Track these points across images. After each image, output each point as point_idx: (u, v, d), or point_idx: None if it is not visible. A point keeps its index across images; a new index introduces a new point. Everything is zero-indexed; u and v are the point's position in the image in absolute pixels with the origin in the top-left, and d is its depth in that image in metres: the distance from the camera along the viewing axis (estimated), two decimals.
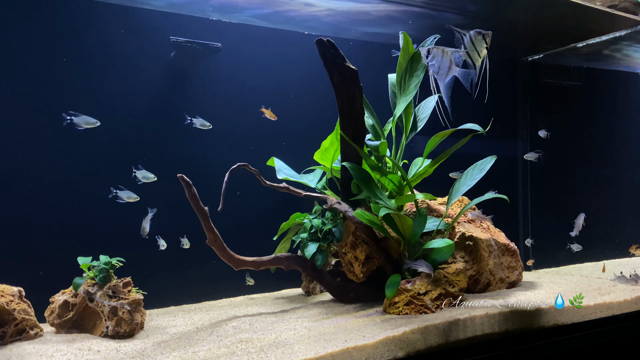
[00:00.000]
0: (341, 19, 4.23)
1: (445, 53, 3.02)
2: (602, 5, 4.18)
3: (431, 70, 3.07)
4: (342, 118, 3.47)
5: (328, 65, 3.37)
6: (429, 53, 3.05)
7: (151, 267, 3.72)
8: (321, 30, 4.39)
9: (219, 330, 3.03)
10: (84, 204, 3.60)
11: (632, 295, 3.59)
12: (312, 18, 4.16)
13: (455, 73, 3.03)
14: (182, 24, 3.91)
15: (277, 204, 4.16)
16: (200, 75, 4.00)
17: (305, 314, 3.36)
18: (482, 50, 3.01)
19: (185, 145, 3.93)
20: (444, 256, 3.34)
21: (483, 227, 4.06)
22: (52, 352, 2.63)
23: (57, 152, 3.54)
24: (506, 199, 3.61)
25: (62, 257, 3.37)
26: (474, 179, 3.60)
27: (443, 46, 3.08)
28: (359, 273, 3.59)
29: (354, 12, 4.10)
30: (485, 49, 3.03)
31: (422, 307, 3.13)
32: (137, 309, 3.04)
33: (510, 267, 4.02)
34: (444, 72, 3.02)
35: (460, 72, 3.03)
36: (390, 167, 3.76)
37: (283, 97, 4.28)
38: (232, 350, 2.57)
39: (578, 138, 5.71)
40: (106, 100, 3.68)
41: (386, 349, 2.62)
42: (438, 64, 3.02)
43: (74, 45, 3.59)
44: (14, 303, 2.87)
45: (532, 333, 3.13)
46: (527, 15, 4.55)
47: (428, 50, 3.05)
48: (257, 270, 3.61)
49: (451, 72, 3.03)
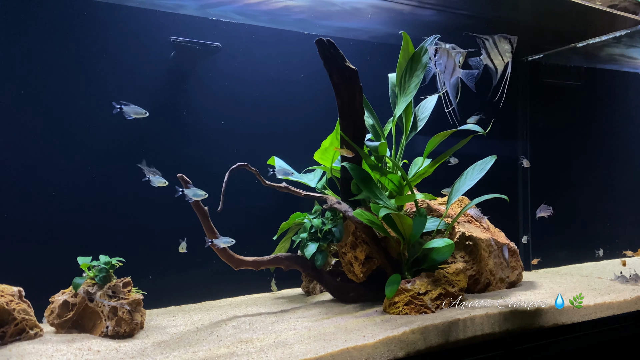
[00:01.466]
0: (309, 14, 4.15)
1: (450, 54, 3.01)
2: (602, 5, 4.18)
3: (438, 69, 3.06)
4: (342, 118, 3.47)
5: (328, 65, 3.36)
6: (436, 52, 3.04)
7: (151, 267, 3.72)
8: (287, 24, 4.30)
9: (219, 330, 3.03)
10: (84, 204, 3.60)
11: (632, 295, 3.59)
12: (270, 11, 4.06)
13: (459, 75, 3.03)
14: (182, 24, 3.91)
15: (277, 204, 4.16)
16: (200, 75, 4.00)
17: (305, 314, 3.35)
18: (506, 55, 3.00)
19: (185, 145, 3.93)
20: (443, 256, 3.34)
21: (483, 227, 4.06)
22: (52, 352, 2.63)
23: (57, 152, 3.54)
24: (506, 199, 3.61)
25: (62, 257, 3.36)
26: (474, 179, 3.60)
27: (446, 45, 3.08)
28: (359, 273, 3.59)
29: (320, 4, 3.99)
30: (511, 53, 3.01)
31: (422, 307, 3.13)
32: (137, 309, 3.04)
33: (510, 267, 4.02)
34: (449, 72, 3.02)
35: (464, 73, 3.03)
36: (390, 167, 3.76)
37: (283, 97, 4.28)
38: (232, 351, 2.57)
39: (578, 138, 5.71)
40: (106, 100, 3.68)
41: (386, 349, 2.62)
42: (444, 63, 3.02)
43: (74, 45, 3.59)
44: (14, 303, 2.86)
45: (532, 333, 3.13)
46: (527, 15, 4.55)
47: (435, 49, 3.05)
48: (257, 270, 3.61)
49: (455, 74, 3.03)
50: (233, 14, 4.00)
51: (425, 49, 3.57)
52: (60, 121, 3.56)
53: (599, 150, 5.90)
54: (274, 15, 4.08)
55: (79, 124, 3.60)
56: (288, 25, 4.27)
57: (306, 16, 4.14)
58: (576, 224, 5.65)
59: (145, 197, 3.75)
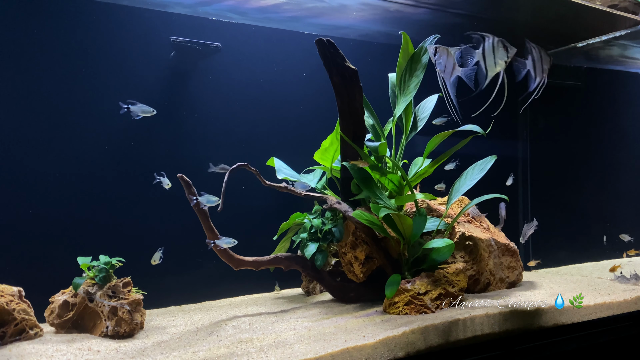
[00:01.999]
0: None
1: (449, 53, 3.01)
2: (602, 5, 4.17)
3: (438, 69, 3.05)
4: (342, 118, 3.47)
5: (328, 65, 3.37)
6: (436, 51, 3.03)
7: (151, 267, 3.72)
8: (280, 22, 4.29)
9: (218, 330, 3.03)
10: (84, 204, 3.60)
11: (632, 295, 3.59)
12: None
13: (459, 73, 3.02)
14: (182, 24, 3.91)
15: (277, 204, 4.16)
16: (200, 75, 4.00)
17: (305, 314, 3.35)
18: (500, 62, 2.96)
19: (185, 144, 3.93)
20: (443, 256, 3.34)
21: (483, 227, 4.06)
22: (52, 352, 2.63)
23: (57, 152, 3.54)
24: (506, 198, 3.61)
25: (62, 257, 3.37)
26: (474, 179, 3.60)
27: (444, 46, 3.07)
28: (359, 273, 3.59)
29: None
30: (505, 62, 2.97)
31: (422, 307, 3.13)
32: (136, 309, 3.04)
33: (510, 267, 4.02)
34: (449, 71, 3.01)
35: (463, 71, 3.02)
36: (390, 167, 3.76)
37: (283, 97, 4.28)
38: (232, 350, 2.57)
39: (578, 138, 5.71)
40: (106, 100, 3.68)
41: (386, 349, 2.62)
42: (444, 63, 3.01)
43: (74, 45, 3.59)
44: (14, 303, 2.86)
45: (532, 333, 3.13)
46: (527, 15, 4.55)
47: (435, 48, 3.04)
48: (257, 270, 3.61)
49: (455, 72, 3.02)
50: (224, 11, 4.00)
51: (425, 49, 3.58)
52: (61, 121, 3.56)
53: (599, 150, 5.90)
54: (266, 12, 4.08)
55: (79, 124, 3.60)
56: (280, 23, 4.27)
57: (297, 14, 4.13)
58: (576, 224, 5.65)
59: (145, 197, 3.75)
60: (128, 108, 3.14)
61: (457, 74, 3.02)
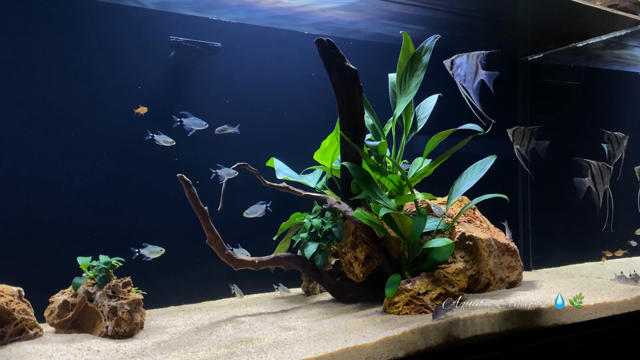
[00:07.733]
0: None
1: (471, 57, 2.98)
2: (602, 5, 4.17)
3: (458, 80, 3.03)
4: (342, 118, 3.47)
5: (328, 64, 3.36)
6: (452, 64, 3.01)
7: (151, 267, 3.72)
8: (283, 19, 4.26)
9: (218, 330, 3.02)
10: (84, 204, 3.60)
11: (632, 295, 3.59)
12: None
13: (483, 77, 2.99)
14: (182, 24, 3.91)
15: (277, 204, 4.16)
16: (200, 75, 4.00)
17: (305, 314, 3.35)
18: (477, 74, 2.93)
19: (185, 144, 3.93)
20: (443, 256, 3.34)
21: (483, 227, 4.06)
22: (52, 352, 2.62)
23: (56, 152, 3.54)
24: (506, 198, 3.61)
25: (62, 257, 3.36)
26: (474, 178, 3.60)
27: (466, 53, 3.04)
28: (359, 273, 3.59)
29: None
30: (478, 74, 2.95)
31: (422, 307, 3.13)
32: (136, 309, 3.04)
33: (510, 267, 4.02)
34: (471, 77, 2.99)
35: (487, 74, 2.99)
36: (390, 167, 3.76)
37: (283, 96, 4.28)
38: (232, 351, 2.57)
39: (578, 138, 5.70)
40: (106, 101, 3.68)
41: (386, 349, 2.62)
42: (464, 72, 2.98)
43: (74, 45, 3.59)
44: (14, 303, 2.86)
45: (532, 333, 3.13)
46: (527, 15, 4.55)
47: (452, 61, 3.02)
48: (257, 270, 3.61)
49: (479, 77, 2.99)
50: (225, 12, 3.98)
51: (426, 49, 3.57)
52: (61, 121, 3.56)
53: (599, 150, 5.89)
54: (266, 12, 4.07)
55: (79, 124, 3.60)
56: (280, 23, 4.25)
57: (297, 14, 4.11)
58: (576, 224, 5.65)
59: (145, 197, 3.75)
60: (181, 121, 3.12)
61: (480, 78, 2.99)
